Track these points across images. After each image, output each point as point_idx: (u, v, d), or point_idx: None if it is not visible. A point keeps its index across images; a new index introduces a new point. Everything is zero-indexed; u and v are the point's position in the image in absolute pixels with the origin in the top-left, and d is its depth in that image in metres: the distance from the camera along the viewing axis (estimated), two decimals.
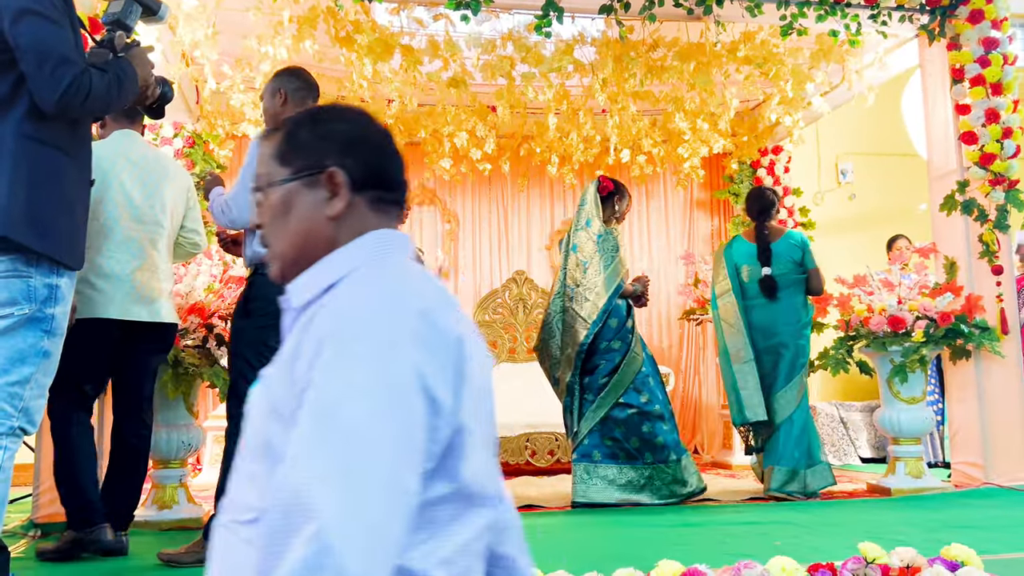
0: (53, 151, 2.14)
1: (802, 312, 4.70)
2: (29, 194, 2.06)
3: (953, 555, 2.16)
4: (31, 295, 2.08)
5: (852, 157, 7.79)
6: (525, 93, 5.47)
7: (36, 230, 2.07)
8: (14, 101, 2.08)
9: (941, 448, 6.17)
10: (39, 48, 2.04)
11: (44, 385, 2.15)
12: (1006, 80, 4.83)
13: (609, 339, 4.53)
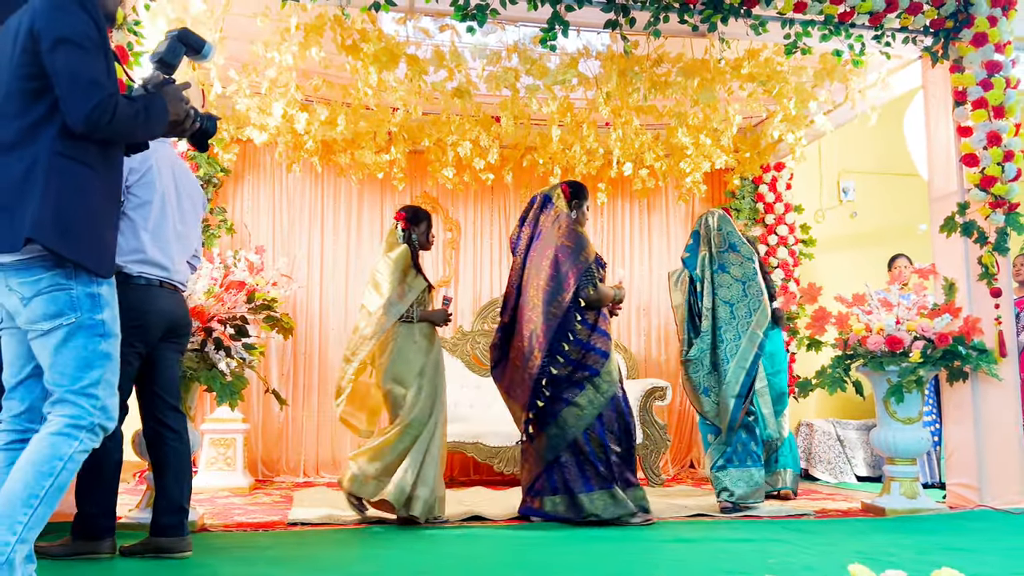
0: (83, 167, 2.27)
1: None
2: (58, 204, 2.19)
3: None
4: (75, 305, 2.23)
5: (854, 176, 7.81)
6: (529, 105, 5.50)
7: (64, 237, 2.20)
8: (49, 121, 2.22)
9: (937, 469, 6.16)
10: (72, 72, 2.18)
11: (113, 384, 2.30)
12: (1008, 103, 4.85)
13: None
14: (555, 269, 4.38)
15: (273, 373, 6.57)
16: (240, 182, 6.74)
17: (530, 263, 4.52)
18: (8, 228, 2.17)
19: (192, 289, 4.14)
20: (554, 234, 4.48)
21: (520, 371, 4.42)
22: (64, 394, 2.22)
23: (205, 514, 4.29)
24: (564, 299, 4.33)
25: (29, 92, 2.22)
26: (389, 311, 4.34)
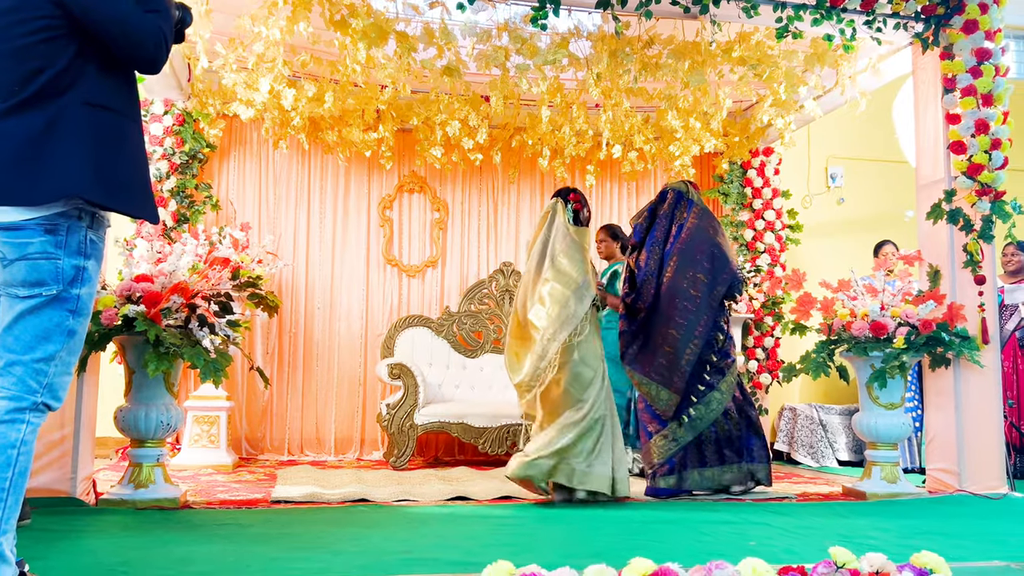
0: (115, 115, 2.23)
1: None
2: (98, 156, 2.15)
3: (922, 562, 2.19)
4: (59, 276, 2.15)
5: (842, 162, 7.83)
6: (519, 84, 5.46)
7: (109, 191, 2.16)
8: (74, 71, 2.16)
9: (918, 454, 6.22)
10: (117, 15, 2.15)
11: (69, 363, 2.22)
12: (997, 92, 4.86)
13: None
14: (712, 264, 4.70)
15: (258, 351, 6.54)
16: (226, 158, 6.68)
17: (678, 255, 4.72)
18: (30, 182, 2.07)
19: (176, 265, 4.11)
20: (708, 231, 4.79)
21: (673, 357, 4.62)
22: (13, 362, 2.12)
23: (188, 491, 4.29)
24: (720, 292, 4.71)
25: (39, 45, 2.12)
26: (584, 297, 4.30)
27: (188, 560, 2.74)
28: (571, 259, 4.36)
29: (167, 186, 6.06)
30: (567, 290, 4.27)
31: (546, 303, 4.27)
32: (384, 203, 6.92)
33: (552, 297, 4.27)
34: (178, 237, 5.53)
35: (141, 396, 3.99)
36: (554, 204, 4.56)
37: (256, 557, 2.80)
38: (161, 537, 3.18)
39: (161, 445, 4.07)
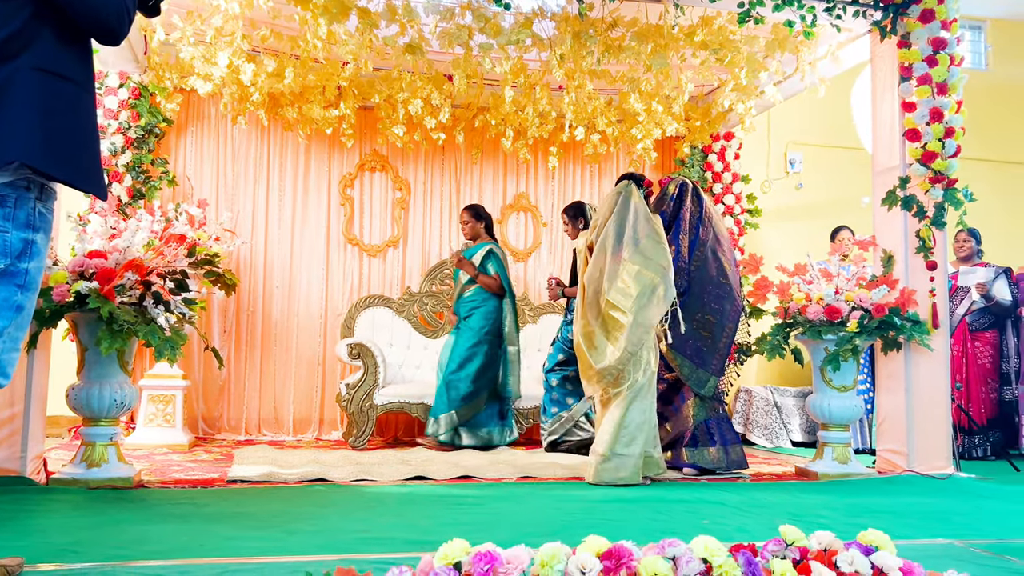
0: (68, 83, 2.14)
1: None
2: (48, 125, 2.06)
3: (869, 540, 2.23)
4: (6, 250, 2.06)
5: (801, 148, 7.92)
6: (482, 64, 5.43)
7: (59, 161, 2.08)
8: (28, 35, 2.06)
9: (868, 435, 6.36)
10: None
11: (17, 339, 2.14)
12: (951, 81, 4.94)
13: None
14: (732, 255, 4.93)
15: (215, 330, 6.47)
16: (183, 133, 6.55)
17: (705, 246, 4.78)
18: None
19: (131, 241, 4.03)
20: (721, 225, 4.99)
21: (711, 341, 4.69)
22: None
23: (143, 470, 4.24)
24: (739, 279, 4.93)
25: None
26: (670, 284, 4.39)
27: (141, 539, 2.71)
28: (656, 244, 4.44)
29: (122, 161, 5.93)
30: (656, 276, 4.34)
31: (632, 288, 4.30)
32: (345, 181, 6.85)
33: (640, 282, 4.32)
34: (133, 213, 5.43)
35: (94, 374, 3.92)
36: (627, 187, 4.59)
37: (211, 536, 2.78)
38: (114, 516, 3.14)
39: (115, 424, 4.00)
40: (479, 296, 5.91)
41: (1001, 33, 8.78)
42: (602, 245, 4.44)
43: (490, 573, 1.86)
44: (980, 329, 6.47)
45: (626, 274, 4.33)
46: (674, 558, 2.00)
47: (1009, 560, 2.65)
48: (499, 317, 5.90)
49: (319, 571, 1.88)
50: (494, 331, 5.88)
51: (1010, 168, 8.45)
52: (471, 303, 5.92)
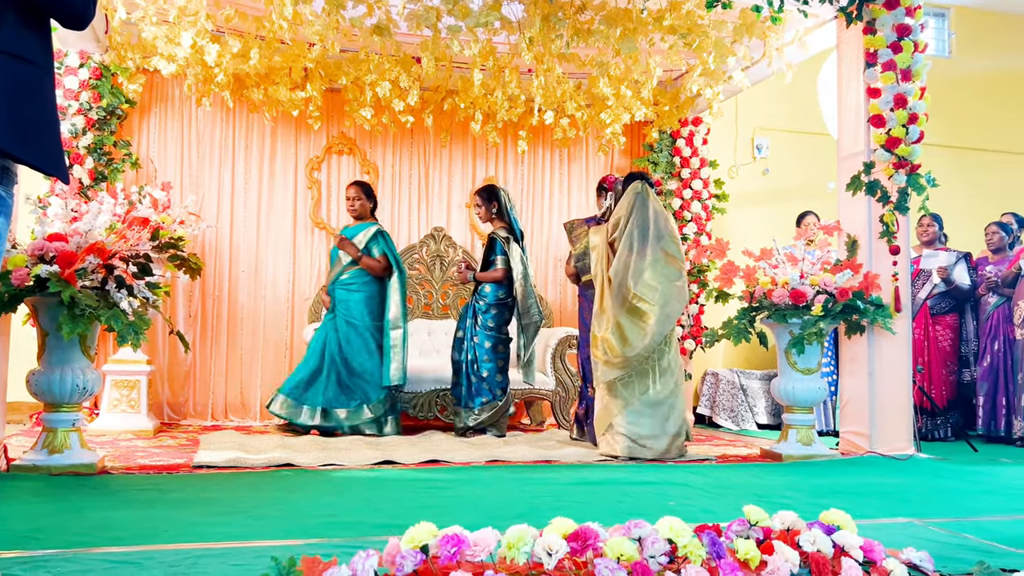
0: (30, 66, 2.09)
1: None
2: (12, 107, 2.01)
3: (831, 519, 2.27)
4: None
5: (768, 133, 7.98)
6: (451, 46, 5.38)
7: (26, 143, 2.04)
8: None
9: (832, 417, 6.46)
10: None
11: None
12: (915, 67, 5.00)
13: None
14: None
15: (180, 314, 6.39)
16: (146, 115, 6.44)
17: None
18: None
19: (92, 224, 3.97)
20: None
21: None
22: None
23: (106, 456, 4.18)
24: None
25: None
26: (686, 279, 4.90)
27: (104, 526, 2.68)
28: (676, 243, 4.90)
29: (83, 142, 5.81)
30: (676, 272, 4.81)
31: (657, 283, 4.73)
32: (312, 164, 6.79)
33: (667, 278, 4.76)
34: (95, 196, 5.33)
35: (55, 359, 3.86)
36: (642, 186, 4.98)
37: (176, 522, 2.75)
38: (76, 503, 3.10)
39: (77, 410, 3.94)
40: (359, 279, 5.70)
41: (964, 21, 8.89)
42: (628, 242, 4.81)
43: (457, 555, 1.86)
44: (941, 313, 6.58)
45: (651, 270, 4.75)
46: (640, 539, 2.02)
47: (966, 537, 2.71)
48: (381, 300, 5.70)
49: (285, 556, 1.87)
50: (375, 316, 5.70)
51: (971, 154, 8.59)
52: (349, 286, 5.70)
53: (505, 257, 5.66)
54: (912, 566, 2.14)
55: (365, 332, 5.64)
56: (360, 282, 5.70)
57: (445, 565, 1.84)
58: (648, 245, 4.79)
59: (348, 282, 5.71)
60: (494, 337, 5.64)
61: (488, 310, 5.65)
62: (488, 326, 5.63)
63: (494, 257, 5.70)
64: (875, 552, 2.12)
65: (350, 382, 5.56)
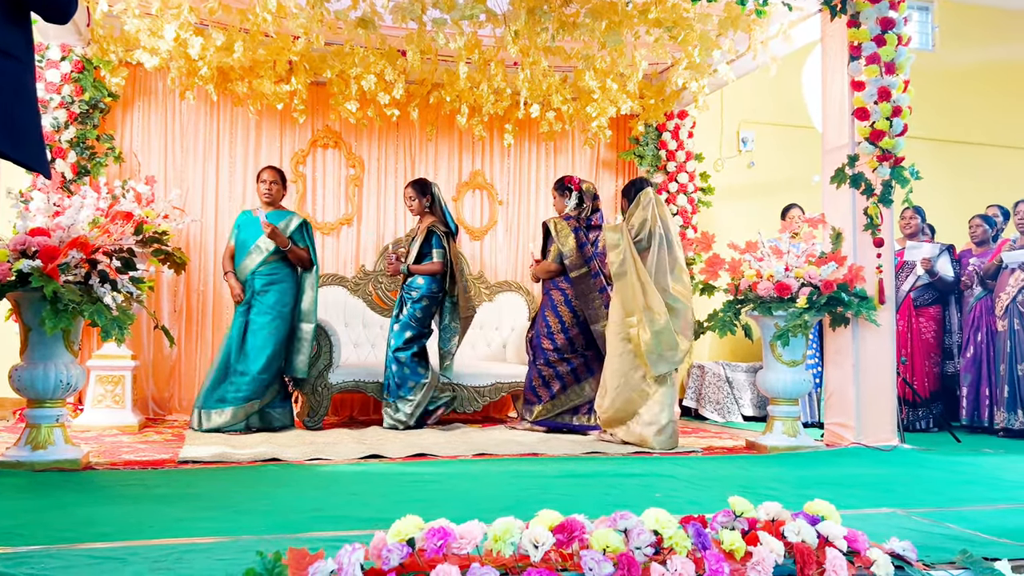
0: (14, 62, 2.09)
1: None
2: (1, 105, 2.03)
3: (815, 510, 2.29)
4: None
5: (753, 126, 8.00)
6: (436, 39, 5.36)
7: (13, 139, 2.05)
8: None
9: (817, 409, 6.50)
10: None
11: None
12: (899, 60, 5.02)
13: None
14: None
15: (164, 309, 6.35)
16: (130, 108, 6.39)
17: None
18: None
19: (75, 219, 3.93)
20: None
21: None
22: None
23: (91, 452, 4.16)
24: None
25: None
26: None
27: (89, 522, 2.66)
28: (681, 247, 5.17)
29: (66, 136, 5.76)
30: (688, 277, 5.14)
31: (687, 282, 5.09)
32: (297, 158, 6.76)
33: (686, 278, 5.08)
34: (77, 190, 5.29)
35: (38, 355, 3.83)
36: (650, 192, 5.15)
37: (160, 517, 2.74)
38: (60, 499, 3.09)
39: (61, 405, 3.92)
40: (282, 270, 5.51)
41: (948, 14, 8.94)
42: (661, 243, 5.01)
43: (443, 548, 1.86)
44: (924, 305, 6.63)
45: (679, 270, 5.03)
46: (626, 530, 2.03)
47: (948, 527, 2.73)
48: (297, 294, 5.58)
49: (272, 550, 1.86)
50: (291, 307, 5.53)
51: (954, 147, 8.64)
52: (272, 276, 5.46)
53: (443, 251, 5.71)
54: (895, 556, 2.16)
55: (283, 324, 5.45)
56: (284, 272, 5.52)
57: (431, 558, 1.84)
58: (667, 250, 5.01)
59: (270, 272, 5.47)
60: (417, 330, 5.69)
61: (420, 300, 5.68)
62: (416, 317, 5.67)
63: (429, 250, 5.72)
64: (859, 542, 2.14)
65: (250, 373, 5.33)
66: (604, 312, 5.41)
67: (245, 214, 5.64)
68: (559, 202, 5.81)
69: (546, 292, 5.73)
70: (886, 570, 2.08)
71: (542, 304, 5.76)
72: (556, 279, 5.67)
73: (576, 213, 5.70)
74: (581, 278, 5.54)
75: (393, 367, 5.64)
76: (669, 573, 1.93)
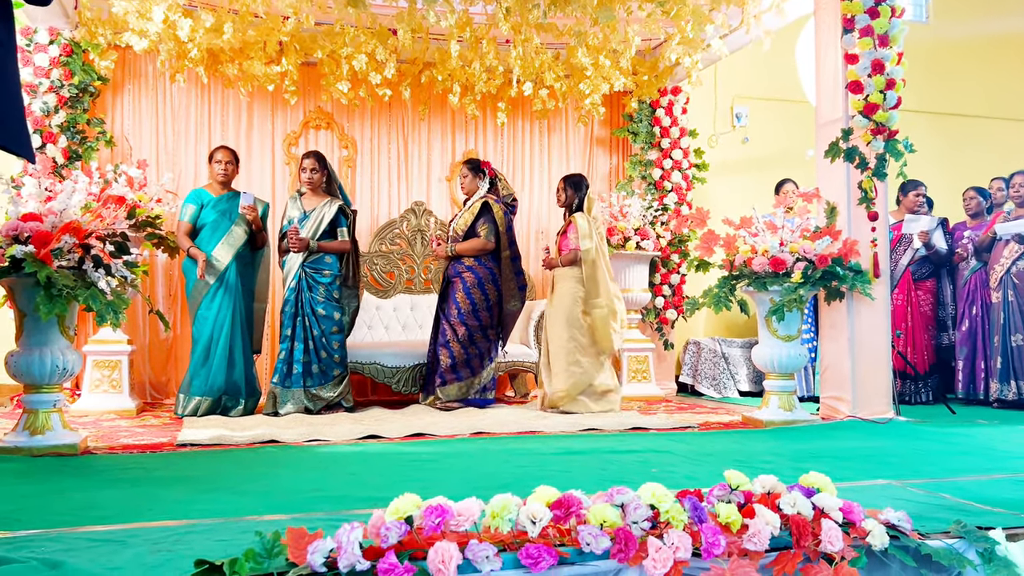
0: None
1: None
2: None
3: (810, 482, 2.30)
4: None
5: (747, 101, 7.97)
6: (427, 18, 5.33)
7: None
8: None
9: (813, 383, 6.53)
10: None
11: None
12: (892, 32, 5.00)
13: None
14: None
15: (160, 293, 6.34)
16: (120, 92, 6.34)
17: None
18: None
19: (67, 203, 3.92)
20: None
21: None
22: None
23: (89, 436, 4.16)
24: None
25: None
26: None
27: (89, 505, 2.67)
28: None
29: (56, 121, 5.72)
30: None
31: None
32: (289, 140, 6.72)
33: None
34: (69, 175, 5.26)
35: (33, 340, 3.83)
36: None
37: (160, 500, 2.75)
38: (59, 483, 3.10)
39: (58, 390, 3.92)
40: (250, 251, 5.58)
41: None
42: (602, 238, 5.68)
43: (441, 526, 1.87)
44: (922, 278, 6.65)
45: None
46: (622, 505, 2.04)
47: (943, 497, 2.75)
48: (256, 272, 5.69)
49: (271, 530, 1.87)
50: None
51: (950, 119, 8.62)
52: (244, 258, 5.51)
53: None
54: (890, 526, 2.17)
55: (251, 304, 5.58)
56: (255, 255, 5.62)
57: (429, 535, 1.85)
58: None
59: (243, 254, 5.49)
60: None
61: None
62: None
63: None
64: (854, 513, 2.15)
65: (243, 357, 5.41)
66: (519, 295, 5.81)
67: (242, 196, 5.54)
68: (471, 182, 5.84)
69: (468, 270, 5.72)
70: (881, 540, 2.10)
71: (461, 282, 5.71)
72: (481, 258, 5.72)
73: (495, 197, 5.83)
74: (508, 259, 5.76)
75: (324, 353, 5.48)
76: (666, 547, 1.94)
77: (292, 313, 5.41)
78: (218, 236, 5.40)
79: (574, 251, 5.57)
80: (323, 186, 5.67)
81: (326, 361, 5.43)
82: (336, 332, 5.49)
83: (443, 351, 5.64)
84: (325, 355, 5.43)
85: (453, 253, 5.72)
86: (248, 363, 5.42)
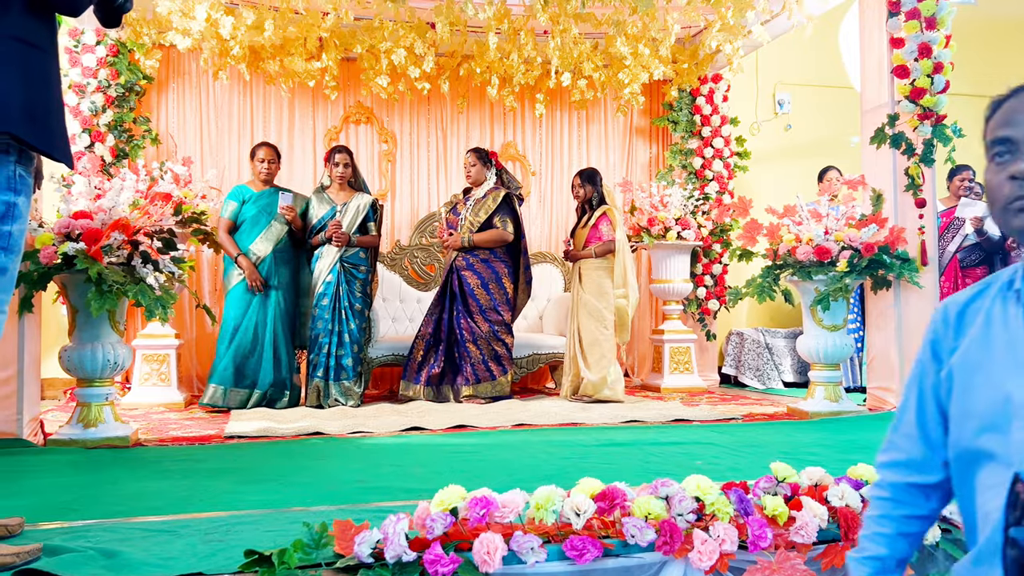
0: (38, 51, 2.15)
1: None
2: (26, 92, 2.09)
3: (858, 474, 2.27)
4: None
5: (789, 88, 7.85)
6: (465, 11, 5.32)
7: (35, 127, 2.09)
8: (2, 5, 2.08)
9: (859, 374, 6.43)
10: None
11: (2, 301, 2.15)
12: (940, 14, 4.88)
13: None
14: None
15: (206, 287, 6.45)
16: (164, 90, 6.46)
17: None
18: None
19: (116, 201, 4.00)
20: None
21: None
22: None
23: (139, 429, 4.26)
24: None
25: None
26: None
27: (141, 496, 2.73)
28: None
29: (103, 120, 5.84)
30: None
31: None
32: (330, 135, 6.78)
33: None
34: (117, 173, 5.37)
35: (86, 335, 3.92)
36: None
37: (210, 491, 2.80)
38: (112, 474, 3.17)
39: (109, 384, 4.02)
40: (291, 248, 5.63)
41: None
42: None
43: (486, 517, 1.88)
44: (971, 265, 6.49)
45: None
46: (667, 497, 2.03)
47: None
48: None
49: (318, 521, 1.90)
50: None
51: None
52: (283, 254, 5.55)
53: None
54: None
55: (295, 300, 5.63)
56: (293, 252, 5.64)
57: (474, 527, 1.86)
58: None
59: (283, 250, 5.55)
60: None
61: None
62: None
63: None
64: None
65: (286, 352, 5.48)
66: (527, 289, 5.90)
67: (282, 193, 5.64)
68: (479, 171, 5.81)
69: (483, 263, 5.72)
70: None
71: (476, 276, 5.69)
72: (496, 251, 5.73)
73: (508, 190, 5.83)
74: (523, 253, 5.87)
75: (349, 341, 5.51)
76: (712, 539, 1.93)
77: (331, 307, 5.46)
78: (257, 231, 5.48)
79: (609, 242, 5.61)
80: (351, 180, 5.73)
81: (356, 356, 5.49)
82: (364, 328, 5.60)
83: (472, 348, 5.63)
84: (357, 349, 5.51)
85: (470, 244, 5.70)
86: (291, 357, 5.49)
